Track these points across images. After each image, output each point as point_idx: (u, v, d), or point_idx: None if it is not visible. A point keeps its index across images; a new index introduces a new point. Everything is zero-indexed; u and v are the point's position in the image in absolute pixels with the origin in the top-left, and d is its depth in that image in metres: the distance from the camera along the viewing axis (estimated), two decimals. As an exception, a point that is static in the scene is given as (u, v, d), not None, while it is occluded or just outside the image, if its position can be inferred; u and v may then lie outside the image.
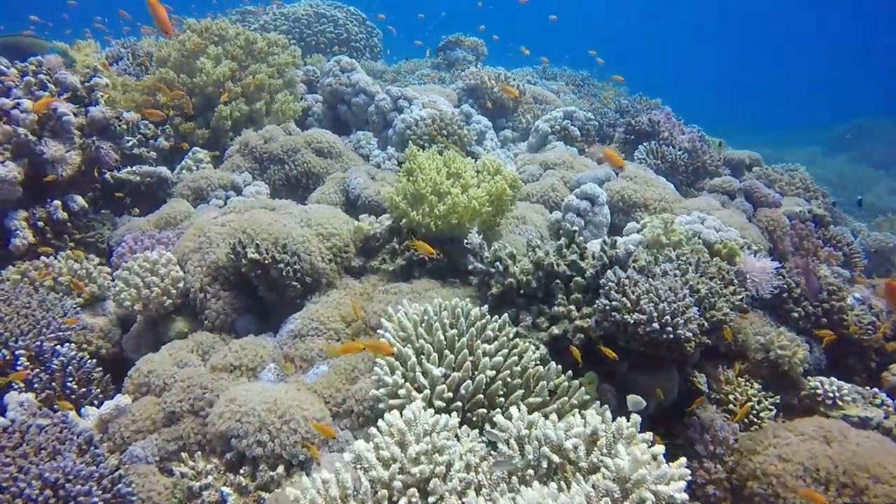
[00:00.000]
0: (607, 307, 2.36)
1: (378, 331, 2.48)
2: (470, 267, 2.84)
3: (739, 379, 3.01)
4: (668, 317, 2.23)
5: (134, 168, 4.57)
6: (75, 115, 3.97)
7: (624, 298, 2.33)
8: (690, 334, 2.21)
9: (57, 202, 3.66)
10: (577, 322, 2.56)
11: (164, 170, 4.59)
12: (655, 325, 2.22)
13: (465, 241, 2.90)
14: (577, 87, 9.97)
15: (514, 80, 8.42)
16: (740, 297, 2.61)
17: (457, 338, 2.34)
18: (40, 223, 3.61)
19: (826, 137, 18.34)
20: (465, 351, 2.29)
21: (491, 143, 4.66)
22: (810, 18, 35.56)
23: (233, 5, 11.02)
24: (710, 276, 2.67)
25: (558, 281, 2.65)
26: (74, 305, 3.20)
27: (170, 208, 3.88)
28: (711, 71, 34.11)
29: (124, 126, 4.10)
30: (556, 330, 2.57)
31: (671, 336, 2.21)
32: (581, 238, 2.80)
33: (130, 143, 4.20)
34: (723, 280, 2.67)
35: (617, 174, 3.93)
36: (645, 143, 4.92)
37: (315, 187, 4.42)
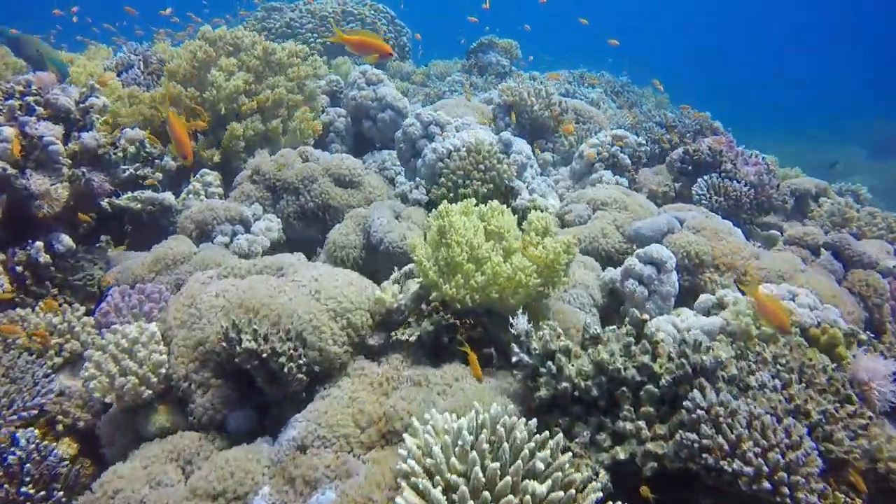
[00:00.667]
0: (694, 445, 1.80)
1: (399, 451, 1.95)
2: (514, 359, 2.29)
3: (838, 494, 2.42)
4: (782, 472, 1.66)
5: (135, 194, 4.09)
6: (67, 140, 3.49)
7: (719, 437, 1.76)
8: (815, 499, 1.63)
9: (39, 243, 3.18)
10: (649, 445, 2.00)
11: (167, 196, 4.10)
12: (766, 484, 1.65)
13: (510, 324, 2.35)
14: (616, 94, 9.30)
15: (551, 88, 7.81)
16: (864, 421, 2.02)
17: (499, 473, 1.80)
18: (19, 268, 3.13)
19: (867, 138, 16.92)
20: (510, 497, 1.74)
21: (531, 172, 4.08)
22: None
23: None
24: (820, 387, 2.08)
25: (625, 388, 2.09)
26: (48, 372, 2.73)
27: (167, 249, 3.38)
28: (726, 61, 32.60)
29: (120, 154, 3.61)
30: (621, 454, 2.02)
31: (786, 500, 1.64)
32: (646, 317, 2.23)
33: (127, 172, 3.71)
34: (837, 395, 2.08)
35: (681, 224, 3.33)
36: (705, 178, 4.30)
37: (333, 221, 3.90)
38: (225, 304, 2.37)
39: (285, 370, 2.16)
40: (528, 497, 1.79)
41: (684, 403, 1.90)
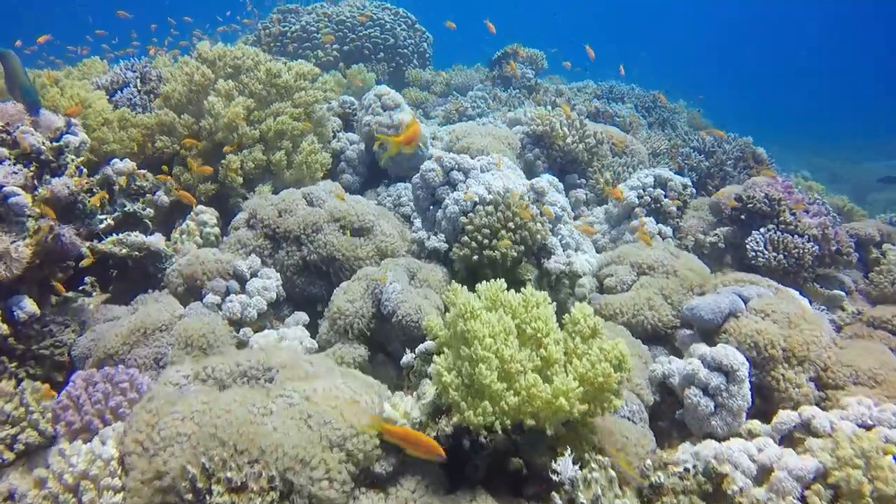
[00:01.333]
0: None
1: None
2: (556, 516, 1.79)
3: None
4: None
5: (121, 237, 3.62)
6: (37, 185, 3.03)
7: None
8: None
9: (-4, 312, 2.72)
10: None
11: (155, 241, 3.63)
12: None
13: (553, 469, 1.85)
14: (647, 110, 8.71)
15: (577, 104, 7.25)
16: None
17: None
18: (-28, 341, 2.68)
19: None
20: None
21: (567, 230, 3.56)
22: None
23: (273, 4, 10.03)
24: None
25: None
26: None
27: (146, 316, 2.92)
28: (748, 71, 31.54)
29: (96, 203, 3.13)
30: None
31: None
32: (726, 471, 1.73)
33: (104, 223, 3.24)
34: None
35: (746, 304, 2.80)
36: (762, 232, 3.75)
37: (338, 276, 3.42)
38: (195, 432, 1.88)
39: (264, 535, 1.67)
40: None
41: None
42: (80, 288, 3.60)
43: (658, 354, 3.00)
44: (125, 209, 3.92)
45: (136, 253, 3.59)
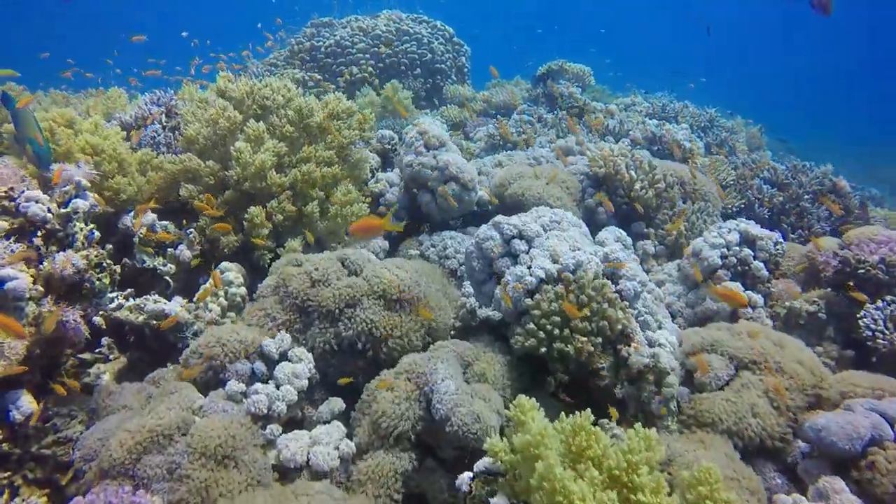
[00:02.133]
0: None
1: None
2: None
3: None
4: None
5: (138, 302, 3.22)
6: (41, 259, 2.62)
7: None
8: None
9: (-16, 418, 2.31)
10: None
11: (175, 308, 3.22)
12: None
13: None
14: (704, 130, 8.08)
15: (632, 129, 6.67)
16: None
17: None
18: (-47, 455, 2.27)
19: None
20: None
21: (643, 302, 3.02)
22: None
23: (305, 18, 9.63)
24: None
25: None
26: None
27: (158, 419, 2.48)
28: (794, 77, 30.23)
29: (105, 280, 2.71)
30: None
31: None
32: None
33: (116, 301, 2.82)
34: None
35: (893, 428, 2.23)
36: (880, 308, 3.16)
37: (377, 358, 2.95)
38: None
39: None
40: None
41: None
42: (97, 351, 3.20)
43: (766, 473, 2.47)
44: (144, 265, 3.52)
45: (155, 322, 3.18)
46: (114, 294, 2.86)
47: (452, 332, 3.30)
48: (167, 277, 3.55)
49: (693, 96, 10.99)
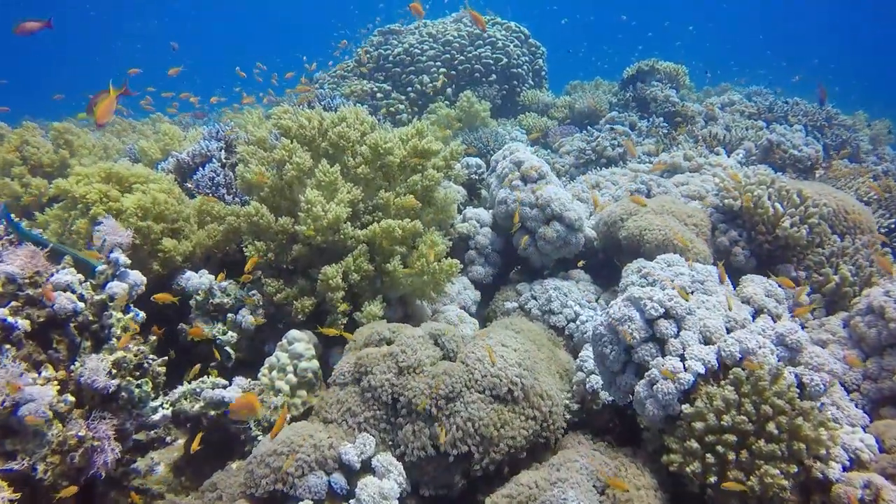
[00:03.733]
0: None
1: None
2: None
3: None
4: None
5: (194, 386, 2.72)
6: (72, 358, 2.13)
7: None
8: None
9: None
10: None
11: (233, 397, 2.69)
12: None
13: None
14: (819, 130, 7.04)
15: (746, 138, 5.77)
16: None
17: None
18: None
19: None
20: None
21: (828, 401, 2.26)
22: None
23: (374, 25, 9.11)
24: None
25: None
26: None
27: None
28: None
29: (146, 387, 2.19)
30: None
31: None
32: None
33: (159, 413, 2.30)
34: None
35: None
36: None
37: (483, 461, 2.32)
38: None
39: None
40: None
41: None
42: (154, 432, 2.74)
43: None
44: (205, 333, 3.02)
45: (213, 412, 2.66)
46: (158, 402, 2.34)
47: (567, 418, 2.64)
48: (228, 349, 3.04)
49: (793, 90, 9.86)
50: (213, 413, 2.68)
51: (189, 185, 3.76)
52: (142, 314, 2.35)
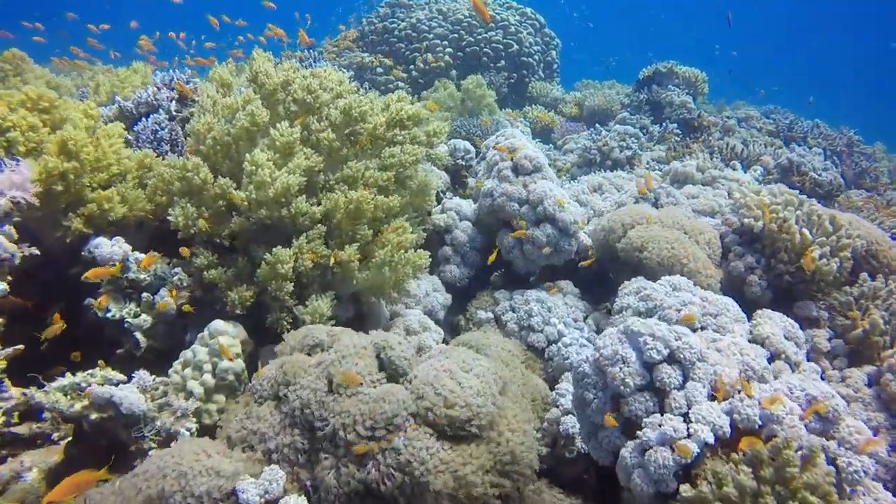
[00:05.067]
0: None
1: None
2: None
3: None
4: None
5: (81, 379, 2.19)
6: None
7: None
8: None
9: None
10: None
11: (129, 397, 2.16)
12: None
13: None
14: (838, 156, 6.52)
15: (764, 154, 5.25)
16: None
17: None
18: None
19: None
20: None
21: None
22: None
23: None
24: None
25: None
26: None
27: None
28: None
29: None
30: None
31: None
32: None
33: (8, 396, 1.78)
34: None
35: None
36: None
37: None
38: None
39: None
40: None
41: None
42: (36, 426, 2.25)
43: None
44: (109, 315, 2.48)
45: (99, 415, 2.13)
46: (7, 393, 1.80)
47: (537, 464, 2.12)
48: (138, 334, 2.50)
49: (806, 112, 9.36)
50: (95, 416, 2.14)
51: (129, 137, 3.21)
52: (2, 286, 1.81)
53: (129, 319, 2.50)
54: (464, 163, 3.46)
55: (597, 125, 5.89)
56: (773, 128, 6.78)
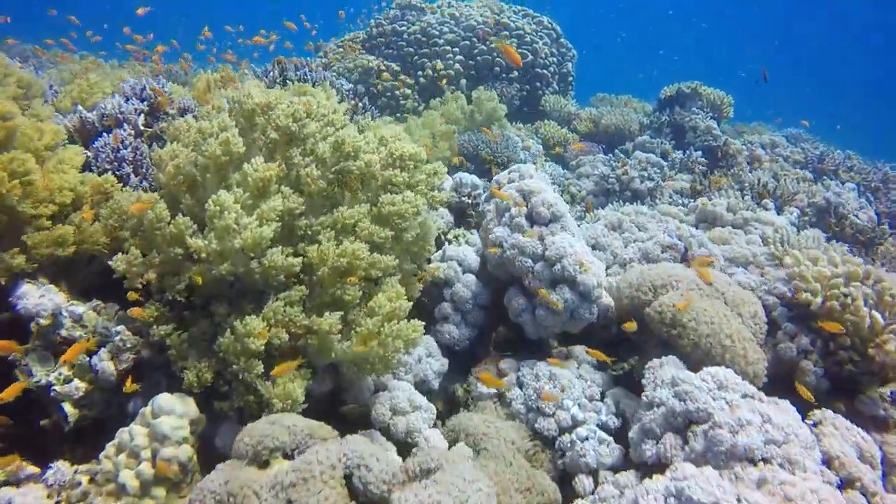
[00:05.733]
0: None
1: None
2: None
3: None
4: None
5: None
6: None
7: None
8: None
9: None
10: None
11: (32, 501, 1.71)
12: None
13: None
14: (873, 193, 6.06)
15: (798, 190, 4.79)
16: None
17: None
18: None
19: None
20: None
21: None
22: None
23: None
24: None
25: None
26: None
27: None
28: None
29: None
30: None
31: None
32: None
33: None
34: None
35: None
36: None
37: None
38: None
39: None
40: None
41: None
42: None
43: None
44: (33, 381, 2.04)
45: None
46: None
47: None
48: (66, 406, 2.06)
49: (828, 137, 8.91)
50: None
51: (88, 155, 2.76)
52: None
53: (57, 387, 2.05)
54: (470, 200, 3.01)
55: (617, 151, 5.43)
56: (801, 157, 6.31)
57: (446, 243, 2.84)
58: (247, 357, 2.00)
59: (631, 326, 2.44)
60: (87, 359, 2.11)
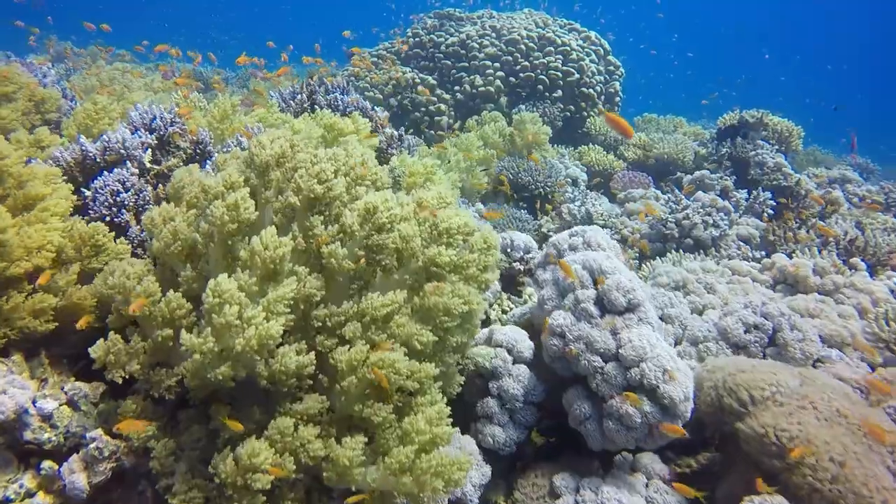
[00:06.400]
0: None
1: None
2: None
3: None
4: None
5: None
6: None
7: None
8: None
9: None
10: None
11: None
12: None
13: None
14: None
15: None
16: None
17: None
18: None
19: None
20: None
21: None
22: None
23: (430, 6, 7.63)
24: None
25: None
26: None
27: None
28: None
29: None
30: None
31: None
32: None
33: None
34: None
35: None
36: None
37: None
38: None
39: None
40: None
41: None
42: None
43: None
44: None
45: None
46: None
47: None
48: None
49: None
50: None
51: (87, 194, 2.37)
52: None
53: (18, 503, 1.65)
54: (521, 266, 2.53)
55: (672, 187, 4.91)
56: (881, 199, 5.71)
57: (493, 320, 2.38)
58: (251, 496, 1.56)
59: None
60: (57, 467, 1.69)
